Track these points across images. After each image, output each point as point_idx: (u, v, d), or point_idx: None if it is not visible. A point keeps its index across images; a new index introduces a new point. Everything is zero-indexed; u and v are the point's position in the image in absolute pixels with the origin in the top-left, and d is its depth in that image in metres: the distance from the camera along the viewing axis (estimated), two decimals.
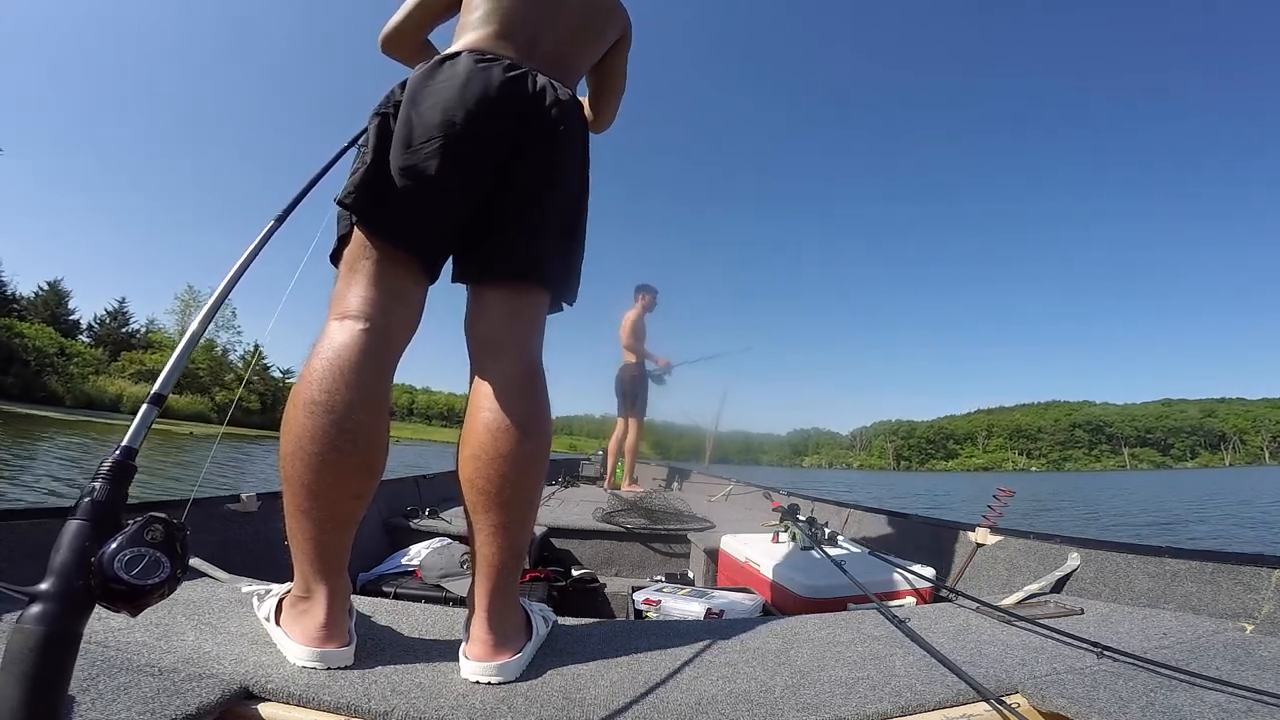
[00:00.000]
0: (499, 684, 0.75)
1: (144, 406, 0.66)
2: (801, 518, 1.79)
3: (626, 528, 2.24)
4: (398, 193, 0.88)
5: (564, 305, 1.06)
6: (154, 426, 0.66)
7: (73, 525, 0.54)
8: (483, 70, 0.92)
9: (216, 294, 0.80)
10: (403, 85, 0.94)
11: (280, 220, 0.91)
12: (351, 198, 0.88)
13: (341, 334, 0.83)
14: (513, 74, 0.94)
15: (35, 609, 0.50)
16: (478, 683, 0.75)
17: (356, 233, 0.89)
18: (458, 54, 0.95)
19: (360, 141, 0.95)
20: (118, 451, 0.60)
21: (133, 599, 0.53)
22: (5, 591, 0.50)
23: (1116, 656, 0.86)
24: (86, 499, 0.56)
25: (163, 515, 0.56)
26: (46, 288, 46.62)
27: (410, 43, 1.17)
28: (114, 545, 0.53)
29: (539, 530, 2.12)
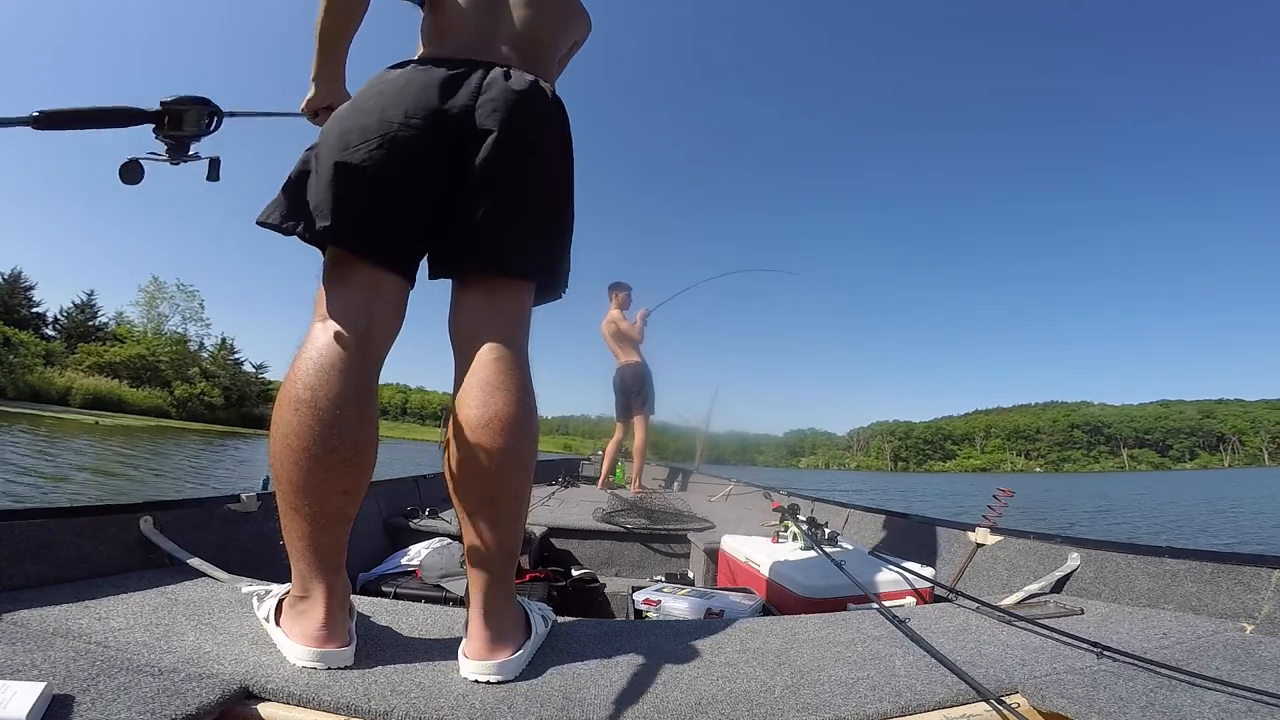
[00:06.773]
0: (499, 683, 0.75)
1: None
2: (801, 518, 1.80)
3: (626, 528, 2.24)
4: (342, 198, 0.86)
5: (546, 298, 1.04)
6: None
7: None
8: (423, 71, 0.93)
9: None
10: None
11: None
12: (290, 210, 0.88)
13: (324, 335, 0.84)
14: (455, 71, 0.93)
15: None
16: (477, 681, 0.75)
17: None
18: (408, 59, 0.97)
19: (310, 153, 0.92)
20: None
21: None
22: None
23: (1116, 656, 0.86)
24: None
25: None
26: (4, 280, 45.02)
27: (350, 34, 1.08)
28: None
29: (539, 530, 2.12)
